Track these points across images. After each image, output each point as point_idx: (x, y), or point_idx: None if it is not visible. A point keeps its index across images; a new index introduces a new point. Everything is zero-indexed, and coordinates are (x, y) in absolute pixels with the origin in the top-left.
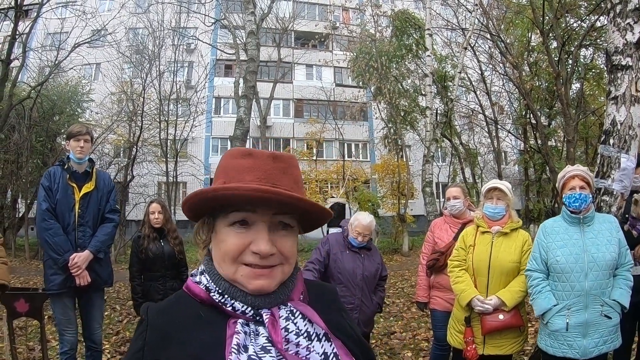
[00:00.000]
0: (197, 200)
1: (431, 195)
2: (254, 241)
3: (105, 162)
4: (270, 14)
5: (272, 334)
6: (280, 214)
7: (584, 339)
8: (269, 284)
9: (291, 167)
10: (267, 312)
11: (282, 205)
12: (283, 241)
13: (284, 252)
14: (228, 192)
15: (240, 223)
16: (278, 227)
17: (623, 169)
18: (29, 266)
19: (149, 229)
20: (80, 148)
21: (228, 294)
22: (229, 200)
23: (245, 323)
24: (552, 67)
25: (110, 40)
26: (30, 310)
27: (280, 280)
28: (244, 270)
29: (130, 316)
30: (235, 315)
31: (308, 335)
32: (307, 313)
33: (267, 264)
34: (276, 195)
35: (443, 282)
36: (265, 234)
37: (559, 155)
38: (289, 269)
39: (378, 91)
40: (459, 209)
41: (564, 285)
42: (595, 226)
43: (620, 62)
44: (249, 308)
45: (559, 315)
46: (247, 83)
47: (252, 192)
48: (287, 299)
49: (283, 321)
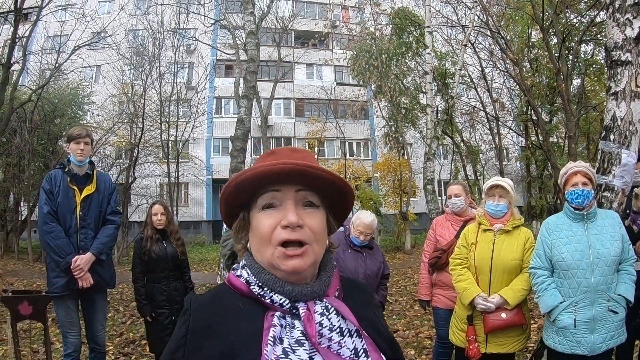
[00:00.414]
0: (230, 190)
1: (433, 193)
2: (283, 217)
3: (107, 164)
4: (270, 14)
5: (307, 328)
6: (303, 190)
7: (591, 335)
8: (301, 264)
9: (309, 156)
10: (304, 306)
11: (301, 175)
12: (309, 217)
13: (311, 227)
14: (251, 172)
15: (269, 206)
16: (303, 205)
17: (624, 165)
18: (32, 269)
19: (152, 231)
20: (80, 151)
21: (267, 286)
22: (255, 180)
23: (282, 316)
24: (552, 63)
25: (110, 43)
26: (33, 313)
27: (313, 260)
28: (278, 252)
29: (133, 317)
30: (273, 307)
31: (340, 330)
32: (341, 310)
33: (297, 237)
34: (293, 165)
35: (445, 280)
36: (293, 207)
37: (560, 151)
38: (319, 248)
39: (379, 89)
40: (460, 207)
41: (570, 282)
42: (599, 222)
43: (620, 57)
44: (286, 301)
45: (566, 312)
46: (248, 83)
47: (272, 166)
48: (323, 294)
49: (318, 316)
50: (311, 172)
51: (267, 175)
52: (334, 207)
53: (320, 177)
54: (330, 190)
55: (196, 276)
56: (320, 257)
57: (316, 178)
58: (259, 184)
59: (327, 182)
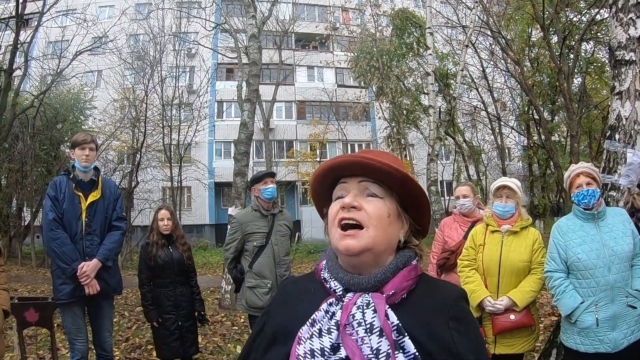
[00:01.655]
0: (313, 188)
1: (436, 194)
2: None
3: (109, 169)
4: (271, 17)
5: (341, 317)
6: (365, 181)
7: (613, 332)
8: (354, 243)
9: (386, 156)
10: (350, 295)
11: (360, 167)
12: (368, 203)
13: (367, 210)
14: (324, 166)
15: (340, 197)
16: (366, 194)
17: (629, 164)
18: (36, 274)
19: (158, 236)
20: (85, 156)
21: (331, 272)
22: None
23: (335, 303)
24: (553, 62)
25: (112, 47)
26: (40, 320)
27: (367, 244)
28: (337, 233)
29: (139, 322)
30: (331, 293)
31: (370, 327)
32: (378, 307)
33: (351, 216)
34: (352, 157)
35: (454, 281)
36: (352, 193)
37: (562, 150)
38: (376, 233)
39: (380, 91)
40: (468, 208)
41: (589, 282)
42: (609, 220)
43: (624, 57)
44: (340, 288)
45: (588, 312)
46: (250, 87)
47: (335, 161)
48: (375, 288)
49: (354, 308)
50: (366, 163)
51: (333, 167)
52: (408, 207)
53: (373, 166)
54: (393, 183)
55: (200, 280)
56: (381, 246)
57: (370, 167)
58: (331, 178)
59: (383, 172)
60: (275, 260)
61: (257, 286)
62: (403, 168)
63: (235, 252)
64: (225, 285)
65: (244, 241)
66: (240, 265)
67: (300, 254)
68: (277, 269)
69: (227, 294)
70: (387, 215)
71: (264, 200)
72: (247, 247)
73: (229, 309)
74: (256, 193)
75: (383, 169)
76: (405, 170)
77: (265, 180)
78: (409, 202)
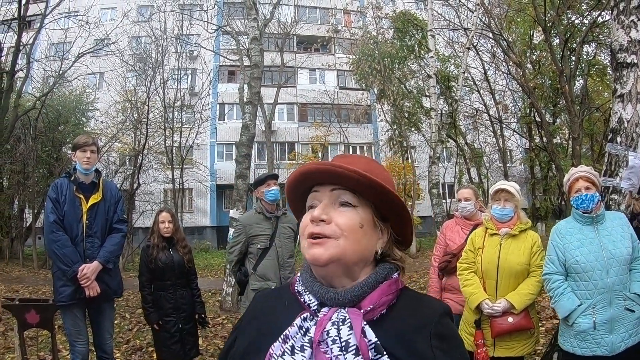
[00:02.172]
0: (287, 193)
1: (438, 197)
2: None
3: (111, 171)
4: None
5: (314, 333)
6: (337, 189)
7: (610, 335)
8: (320, 253)
9: (361, 160)
10: (325, 310)
11: (329, 175)
12: (339, 214)
13: (338, 223)
14: (294, 175)
15: (312, 207)
16: (338, 203)
17: (631, 167)
18: (37, 275)
19: (159, 238)
20: (86, 159)
21: (305, 286)
22: (294, 181)
23: (309, 318)
24: (555, 64)
25: (114, 49)
26: (40, 322)
27: (336, 254)
28: (307, 243)
29: (140, 324)
30: (305, 307)
31: (346, 345)
32: (354, 323)
33: (320, 231)
34: (319, 165)
35: (455, 284)
36: (322, 205)
37: (564, 152)
38: (346, 244)
39: (382, 93)
40: (470, 211)
41: (586, 285)
42: (608, 223)
43: (626, 59)
44: (314, 302)
45: (585, 314)
46: (252, 89)
47: (305, 169)
48: (352, 303)
49: (329, 324)
50: (334, 171)
51: (302, 176)
52: (388, 216)
53: (342, 174)
54: (366, 192)
55: (201, 282)
56: (353, 258)
57: (340, 176)
58: (303, 186)
59: (352, 180)
60: (279, 263)
61: (262, 289)
62: (382, 174)
63: (240, 254)
64: (226, 288)
65: (248, 244)
66: (244, 267)
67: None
68: (281, 271)
69: (228, 296)
70: (360, 225)
71: (267, 203)
72: (251, 250)
73: (230, 312)
74: (259, 195)
75: (353, 177)
76: (382, 177)
77: (268, 182)
78: (388, 211)
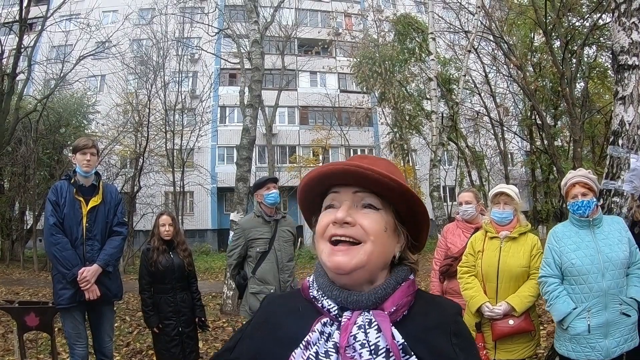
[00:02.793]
0: (300, 194)
1: (439, 200)
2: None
3: (112, 173)
4: (273, 22)
5: (340, 339)
6: (361, 191)
7: (605, 339)
8: (346, 261)
9: (381, 163)
10: (349, 315)
11: (355, 176)
12: (363, 216)
13: (364, 225)
14: (310, 174)
15: (330, 207)
16: (361, 205)
17: (633, 170)
18: (38, 278)
19: (159, 242)
20: (86, 161)
21: (322, 290)
22: (314, 181)
23: (329, 323)
24: (556, 67)
25: (115, 52)
26: (40, 324)
27: (361, 261)
28: (327, 248)
29: (140, 327)
30: (324, 312)
31: (375, 348)
32: (383, 326)
33: (344, 233)
34: (348, 165)
35: (456, 287)
36: (345, 206)
37: (565, 155)
38: (373, 249)
39: (382, 96)
40: (471, 214)
41: (582, 288)
42: (605, 227)
43: (627, 61)
44: (334, 307)
45: (580, 318)
46: (253, 92)
47: (327, 169)
48: (375, 306)
49: (355, 328)
50: (362, 173)
51: (323, 176)
52: (406, 220)
53: (370, 177)
54: (391, 195)
55: (202, 285)
56: (377, 263)
57: (367, 178)
58: (321, 186)
59: (381, 184)
60: (278, 266)
61: (261, 292)
62: (402, 177)
63: (239, 258)
64: (227, 291)
65: (247, 247)
66: (243, 271)
67: (302, 259)
68: (280, 274)
69: (228, 299)
70: (384, 229)
71: (266, 206)
72: (251, 253)
73: (231, 315)
74: (259, 199)
75: (381, 181)
76: (403, 180)
77: (267, 185)
78: (407, 215)
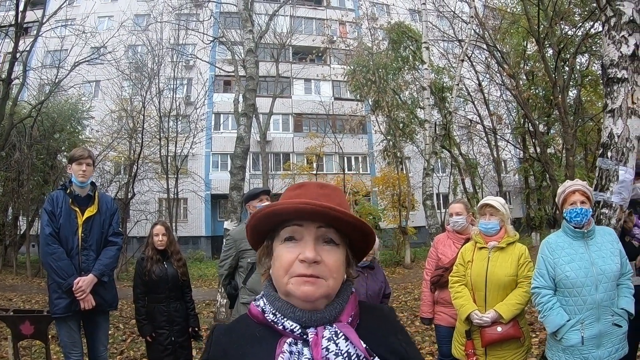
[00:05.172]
0: (256, 219)
1: (432, 208)
2: (301, 252)
3: (106, 180)
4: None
5: (313, 353)
6: (324, 227)
7: (598, 350)
8: (313, 290)
9: (335, 192)
10: (313, 331)
11: (323, 215)
12: (327, 253)
13: (328, 264)
14: (276, 207)
15: (290, 239)
16: (323, 241)
17: (621, 182)
18: (31, 284)
19: (153, 251)
20: (82, 172)
21: (280, 312)
22: (280, 215)
23: (294, 342)
24: (548, 75)
25: (110, 59)
26: (35, 333)
27: (325, 292)
28: (294, 280)
29: (133, 335)
30: (285, 334)
31: (348, 356)
32: (350, 335)
33: (313, 272)
34: (318, 206)
35: (447, 297)
36: (312, 244)
37: (558, 162)
38: (334, 284)
39: (376, 104)
40: (461, 225)
41: (575, 300)
42: (598, 239)
43: (616, 74)
44: (297, 327)
45: (573, 330)
46: (247, 101)
47: (297, 204)
48: (334, 320)
49: (325, 341)
50: (333, 214)
51: (292, 212)
52: (354, 244)
53: (341, 219)
54: (350, 229)
55: (196, 292)
56: (334, 292)
57: (337, 219)
58: (284, 219)
59: (348, 224)
60: None
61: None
62: (347, 205)
63: (230, 268)
64: (220, 299)
65: (238, 258)
66: (234, 281)
67: None
68: None
69: (222, 307)
70: (342, 263)
71: None
72: (242, 264)
73: (224, 323)
74: (251, 210)
75: (349, 222)
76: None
77: (260, 197)
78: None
